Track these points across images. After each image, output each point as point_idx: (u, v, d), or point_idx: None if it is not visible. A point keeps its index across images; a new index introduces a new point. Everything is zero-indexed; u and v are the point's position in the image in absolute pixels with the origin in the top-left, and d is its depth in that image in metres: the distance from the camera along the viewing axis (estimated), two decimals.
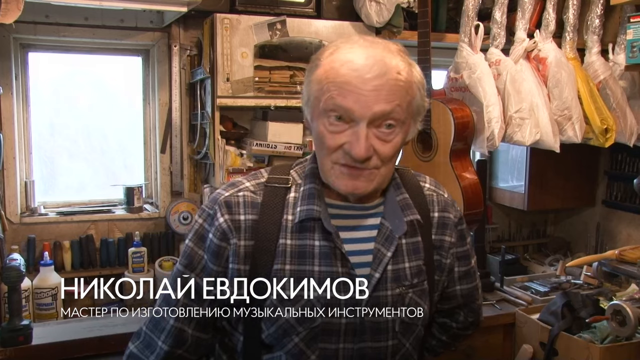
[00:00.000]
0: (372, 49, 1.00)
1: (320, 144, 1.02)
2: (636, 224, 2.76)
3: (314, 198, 1.05)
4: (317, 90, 1.01)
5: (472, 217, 2.14)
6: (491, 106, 2.20)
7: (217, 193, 1.10)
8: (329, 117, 0.99)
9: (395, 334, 1.08)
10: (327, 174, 1.03)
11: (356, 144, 0.97)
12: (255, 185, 1.09)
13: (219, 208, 1.06)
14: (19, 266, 1.87)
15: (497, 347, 2.43)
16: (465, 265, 1.23)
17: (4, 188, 2.24)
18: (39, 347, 1.85)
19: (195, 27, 2.37)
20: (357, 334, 1.04)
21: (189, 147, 2.45)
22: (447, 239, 1.17)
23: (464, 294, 1.25)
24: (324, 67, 1.00)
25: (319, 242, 1.05)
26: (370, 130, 0.98)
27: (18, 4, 1.79)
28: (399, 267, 1.08)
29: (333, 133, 0.99)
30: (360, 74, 0.97)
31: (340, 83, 0.97)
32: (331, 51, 1.02)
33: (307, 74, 1.05)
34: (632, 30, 2.06)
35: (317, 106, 1.01)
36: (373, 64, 0.97)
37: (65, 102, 2.46)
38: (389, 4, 2.26)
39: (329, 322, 1.03)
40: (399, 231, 1.08)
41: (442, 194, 1.21)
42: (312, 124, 1.05)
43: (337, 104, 0.97)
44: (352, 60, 0.98)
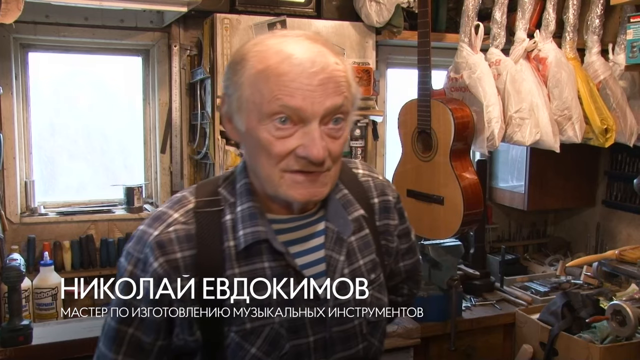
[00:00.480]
0: (304, 40, 0.91)
1: (265, 152, 0.90)
2: (636, 224, 2.76)
3: (256, 218, 0.95)
4: (253, 93, 0.89)
5: (472, 217, 2.14)
6: (491, 106, 2.21)
7: (143, 232, 0.96)
8: (274, 121, 0.88)
9: (364, 336, 1.03)
10: (276, 185, 0.91)
11: (312, 145, 0.88)
12: (184, 215, 0.96)
13: (151, 251, 0.93)
14: (19, 266, 1.87)
15: (497, 347, 2.43)
16: (407, 242, 1.20)
17: (4, 188, 2.24)
18: (39, 347, 1.85)
19: (195, 27, 2.38)
20: (327, 347, 0.99)
21: (189, 147, 2.45)
22: (392, 222, 1.12)
23: (408, 269, 1.22)
24: (256, 66, 0.89)
25: (269, 264, 0.95)
26: (320, 129, 0.89)
27: (18, 4, 1.79)
28: (354, 268, 1.03)
29: (281, 138, 0.88)
30: (305, 69, 0.87)
31: (284, 81, 0.87)
32: (259, 48, 0.91)
33: (232, 76, 0.92)
34: (632, 30, 2.06)
35: (256, 111, 0.89)
36: (314, 57, 0.89)
37: (65, 102, 2.46)
38: (389, 4, 2.26)
39: (297, 345, 0.96)
40: (346, 232, 1.01)
41: (377, 177, 1.14)
42: (248, 133, 0.91)
43: (285, 105, 0.87)
44: (291, 55, 0.88)
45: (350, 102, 0.94)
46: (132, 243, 0.97)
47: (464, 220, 2.11)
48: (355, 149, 2.39)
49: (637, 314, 2.02)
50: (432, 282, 2.26)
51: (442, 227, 2.18)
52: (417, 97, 2.20)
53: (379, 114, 2.47)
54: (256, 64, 0.89)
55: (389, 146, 2.82)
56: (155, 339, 0.95)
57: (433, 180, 2.19)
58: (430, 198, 2.20)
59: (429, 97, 2.16)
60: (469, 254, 2.68)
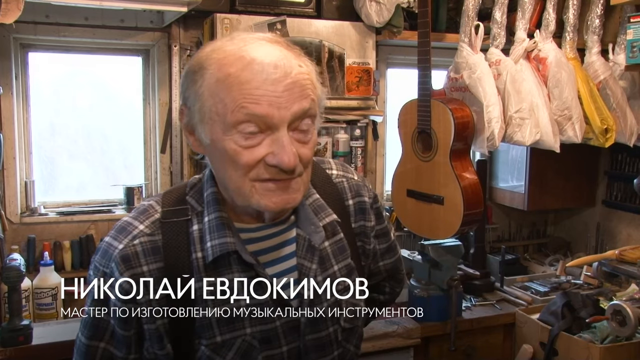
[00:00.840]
0: (265, 44, 0.88)
1: (232, 163, 0.86)
2: (636, 224, 2.76)
3: (224, 229, 0.92)
4: (215, 104, 0.85)
5: (472, 217, 2.14)
6: (491, 106, 2.21)
7: (108, 245, 0.93)
8: (240, 131, 0.84)
9: (340, 343, 1.01)
10: (247, 195, 0.88)
11: (282, 152, 0.85)
12: (150, 226, 0.93)
13: (116, 266, 0.91)
14: (19, 266, 1.87)
15: (497, 347, 2.43)
16: (386, 242, 1.19)
17: (4, 188, 2.24)
18: (39, 347, 1.85)
19: (196, 27, 2.37)
20: (301, 356, 0.97)
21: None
22: (368, 224, 1.10)
23: (388, 268, 1.21)
24: (216, 74, 0.85)
25: (239, 275, 0.93)
26: (288, 135, 0.87)
27: (18, 4, 1.79)
28: (328, 274, 1.00)
29: (248, 148, 0.85)
30: (268, 76, 0.84)
31: (247, 89, 0.84)
32: (217, 55, 0.87)
33: (190, 86, 0.88)
34: (632, 30, 2.06)
35: (220, 121, 0.85)
36: (276, 61, 0.85)
37: (65, 102, 2.46)
38: (389, 4, 2.26)
39: (270, 356, 0.94)
40: (317, 239, 0.98)
41: (352, 177, 1.11)
42: (214, 145, 0.88)
43: (251, 113, 0.83)
44: (252, 61, 0.85)
45: (317, 104, 0.91)
46: (99, 256, 0.94)
47: (464, 220, 2.11)
48: (355, 149, 2.39)
49: (637, 314, 2.02)
50: (432, 282, 2.26)
51: (442, 227, 2.18)
52: (417, 97, 2.20)
53: (379, 114, 2.47)
54: (216, 72, 0.86)
55: (389, 146, 2.82)
56: (127, 353, 0.94)
57: (433, 180, 2.19)
58: (430, 198, 2.20)
59: (429, 97, 2.16)
60: (469, 254, 2.68)
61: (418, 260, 2.32)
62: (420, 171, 2.24)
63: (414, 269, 2.35)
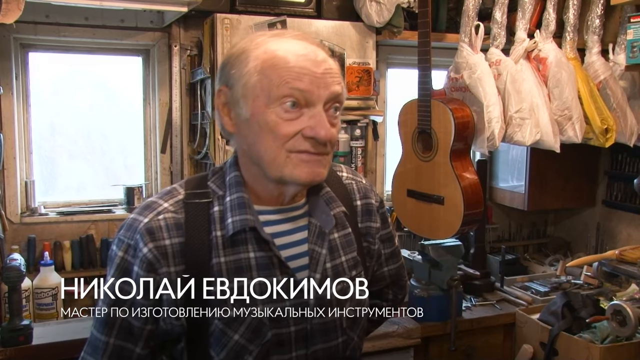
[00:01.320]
0: (300, 39, 0.99)
1: (271, 134, 0.95)
2: (636, 224, 2.76)
3: (245, 207, 0.99)
4: (260, 80, 0.95)
5: (472, 217, 2.14)
6: (491, 106, 2.20)
7: (134, 219, 0.99)
8: (283, 104, 0.94)
9: (344, 330, 1.06)
10: (281, 165, 0.96)
11: (319, 125, 0.94)
12: (174, 204, 1.00)
13: (141, 237, 0.96)
14: (19, 266, 1.87)
15: (497, 347, 2.43)
16: (390, 247, 1.24)
17: (4, 188, 2.24)
18: (39, 347, 1.85)
19: (196, 27, 2.37)
20: (308, 338, 1.02)
21: (189, 147, 2.45)
22: (373, 225, 1.17)
23: (392, 274, 1.26)
24: (261, 57, 0.95)
25: (254, 254, 0.99)
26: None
27: (18, 4, 1.80)
28: (336, 263, 1.07)
29: (289, 120, 0.94)
30: (310, 58, 0.95)
31: (292, 68, 0.94)
32: (259, 41, 0.98)
33: (234, 67, 0.98)
34: (632, 30, 2.06)
35: (264, 95, 0.94)
36: (314, 51, 0.97)
37: (65, 102, 2.46)
38: (389, 4, 2.26)
39: (279, 334, 0.99)
40: (328, 225, 1.06)
41: (361, 180, 1.19)
42: (254, 118, 0.96)
43: (295, 88, 0.93)
44: (294, 48, 0.96)
45: (344, 95, 1.00)
46: (123, 230, 1.00)
47: (464, 220, 2.11)
48: (355, 149, 2.39)
49: (637, 314, 2.02)
50: (432, 282, 2.26)
51: (442, 227, 2.18)
52: (417, 97, 2.20)
53: (379, 114, 2.47)
54: (262, 53, 0.96)
55: (389, 146, 2.82)
56: (144, 323, 0.98)
57: (433, 180, 2.19)
58: (430, 198, 2.20)
59: (429, 97, 2.16)
60: (469, 254, 2.68)
61: (418, 260, 2.32)
62: (420, 171, 2.24)
63: (414, 269, 2.35)
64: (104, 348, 0.98)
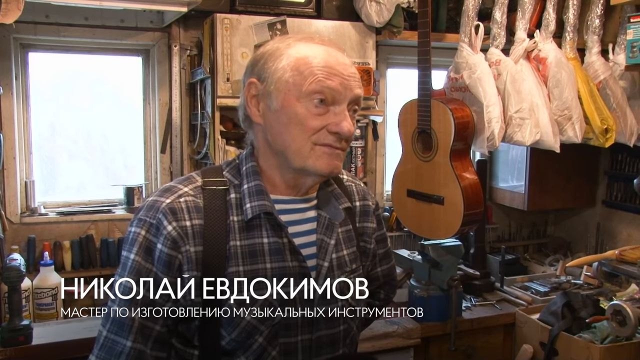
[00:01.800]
0: (328, 44, 1.07)
1: (300, 125, 1.03)
2: (636, 224, 2.76)
3: (262, 194, 1.06)
4: (293, 76, 1.03)
5: (472, 217, 2.14)
6: (491, 106, 2.20)
7: (155, 200, 1.04)
8: (312, 100, 1.02)
9: (345, 319, 1.13)
10: (305, 155, 1.04)
11: (344, 122, 1.03)
12: (193, 189, 1.06)
13: (164, 216, 1.01)
14: (19, 266, 1.87)
15: (497, 347, 2.43)
16: (384, 247, 1.32)
17: (4, 188, 2.24)
18: (39, 347, 1.85)
19: (195, 27, 2.37)
20: (313, 324, 1.08)
21: (189, 147, 2.45)
22: (370, 225, 1.25)
23: (385, 274, 1.34)
24: (293, 56, 1.04)
25: (268, 239, 1.06)
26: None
27: (18, 4, 1.80)
28: (339, 255, 1.14)
29: (317, 115, 1.03)
30: (339, 61, 1.04)
31: (324, 67, 1.02)
32: (290, 42, 1.06)
33: (268, 63, 1.05)
34: (632, 30, 2.06)
35: (296, 90, 1.02)
36: (341, 56, 1.06)
37: (65, 102, 2.46)
38: (389, 4, 2.26)
39: (287, 317, 1.05)
40: (337, 218, 1.14)
41: (359, 183, 1.28)
42: (283, 110, 1.03)
43: (325, 85, 1.02)
44: (323, 52, 1.04)
45: (362, 99, 1.09)
46: (144, 210, 1.04)
47: (464, 220, 2.11)
48: (355, 149, 2.39)
49: (637, 314, 2.02)
50: (432, 282, 2.26)
51: (442, 227, 2.18)
52: (417, 97, 2.20)
53: (379, 114, 2.47)
54: (295, 53, 1.04)
55: (389, 146, 2.82)
56: (166, 301, 1.01)
57: (433, 180, 2.19)
58: (430, 198, 2.20)
59: (429, 97, 2.16)
60: (469, 254, 2.68)
61: (418, 260, 2.32)
62: (420, 171, 2.24)
63: (414, 269, 2.35)
64: (130, 325, 1.00)
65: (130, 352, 0.99)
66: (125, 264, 1.02)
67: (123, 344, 0.99)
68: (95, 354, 1.01)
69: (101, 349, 1.00)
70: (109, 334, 1.00)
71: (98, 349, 1.01)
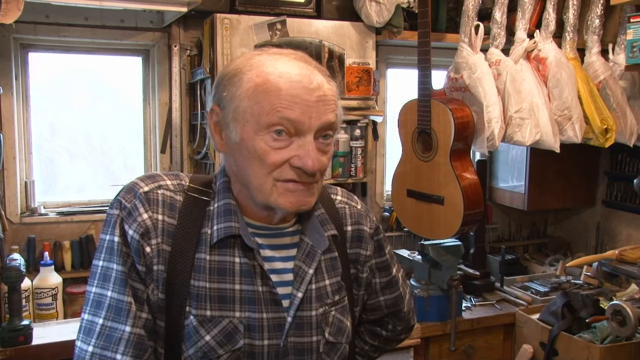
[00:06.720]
0: (298, 60, 0.97)
1: (259, 161, 0.93)
2: (636, 224, 2.76)
3: (230, 214, 0.98)
4: (251, 105, 0.93)
5: (472, 217, 2.14)
6: (491, 106, 2.21)
7: (134, 184, 0.99)
8: (271, 133, 0.92)
9: (320, 354, 1.03)
10: (267, 192, 0.95)
11: (307, 156, 0.92)
12: (176, 186, 1.01)
13: (140, 202, 0.96)
14: (19, 266, 1.87)
15: (497, 347, 2.43)
16: (386, 276, 1.21)
17: (4, 188, 2.24)
18: (39, 347, 1.85)
19: (195, 27, 2.38)
20: (280, 356, 0.99)
21: (189, 147, 2.45)
22: (363, 252, 1.15)
23: (389, 304, 1.23)
24: (254, 79, 0.93)
25: (239, 259, 0.98)
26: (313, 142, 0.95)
27: (18, 4, 1.80)
28: (320, 285, 1.05)
29: (277, 149, 0.93)
30: (303, 85, 0.92)
31: (284, 95, 0.91)
32: (254, 62, 0.96)
33: (226, 88, 0.96)
34: (632, 30, 2.06)
35: (254, 122, 0.93)
36: (310, 75, 0.94)
37: (65, 102, 2.46)
38: (389, 4, 2.26)
39: (251, 345, 0.97)
40: (321, 246, 1.04)
41: (355, 205, 1.17)
42: (243, 143, 0.94)
43: (285, 117, 0.91)
44: (288, 72, 0.93)
45: (338, 120, 0.98)
46: (124, 192, 0.98)
47: (464, 220, 2.12)
48: (355, 149, 2.39)
49: (637, 314, 2.02)
50: (432, 282, 2.26)
51: (442, 227, 2.18)
52: (417, 97, 2.20)
53: (379, 114, 2.47)
54: (254, 77, 0.94)
55: (389, 146, 2.82)
56: (145, 288, 0.95)
57: (433, 180, 2.19)
58: (430, 198, 2.20)
59: (429, 97, 2.16)
60: (469, 254, 2.68)
61: (418, 260, 2.32)
62: (420, 171, 2.24)
63: (414, 269, 2.35)
64: (128, 309, 0.93)
65: (131, 337, 0.92)
66: (111, 248, 0.94)
67: (122, 330, 0.92)
68: (92, 344, 0.92)
69: (98, 337, 0.92)
70: (106, 321, 0.93)
71: (95, 338, 0.92)
